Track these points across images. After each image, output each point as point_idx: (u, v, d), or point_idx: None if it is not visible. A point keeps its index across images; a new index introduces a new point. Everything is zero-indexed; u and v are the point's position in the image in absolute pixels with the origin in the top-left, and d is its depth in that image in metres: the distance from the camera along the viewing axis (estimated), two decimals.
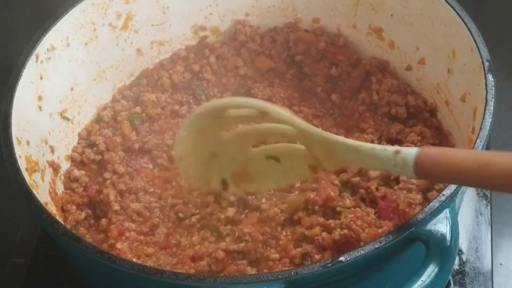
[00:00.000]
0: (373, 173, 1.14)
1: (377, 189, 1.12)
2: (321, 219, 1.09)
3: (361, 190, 1.13)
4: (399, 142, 1.21)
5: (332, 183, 1.15)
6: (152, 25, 1.36)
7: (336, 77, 1.36)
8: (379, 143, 1.21)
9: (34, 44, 1.15)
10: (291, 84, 1.36)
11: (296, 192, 1.18)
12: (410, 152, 0.88)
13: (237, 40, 1.39)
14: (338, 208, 1.11)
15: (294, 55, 1.39)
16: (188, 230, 1.14)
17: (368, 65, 1.33)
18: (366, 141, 1.20)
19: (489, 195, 1.28)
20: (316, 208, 1.12)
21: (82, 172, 1.22)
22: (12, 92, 1.09)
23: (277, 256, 1.06)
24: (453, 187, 0.93)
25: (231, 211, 1.14)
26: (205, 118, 1.06)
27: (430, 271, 0.86)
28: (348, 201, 1.12)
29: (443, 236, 0.89)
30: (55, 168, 1.18)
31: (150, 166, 1.24)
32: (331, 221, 1.08)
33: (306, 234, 1.08)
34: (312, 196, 1.13)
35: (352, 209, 1.09)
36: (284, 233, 1.11)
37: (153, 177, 1.22)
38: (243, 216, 1.14)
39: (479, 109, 1.05)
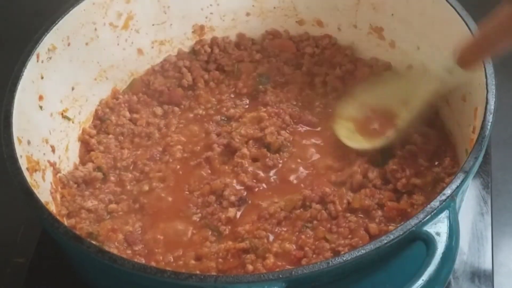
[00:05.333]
0: (371, 175, 1.15)
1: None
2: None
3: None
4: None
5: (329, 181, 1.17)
6: (152, 25, 1.36)
7: (341, 76, 1.36)
8: None
9: (35, 44, 1.15)
10: (299, 85, 1.36)
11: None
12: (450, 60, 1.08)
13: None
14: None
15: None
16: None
17: (374, 66, 1.34)
18: None
19: (490, 195, 1.28)
20: (313, 204, 1.13)
21: None
22: (13, 92, 1.09)
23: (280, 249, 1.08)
24: (453, 186, 0.93)
25: (232, 211, 1.14)
26: None
27: (431, 270, 0.86)
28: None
29: (443, 236, 0.89)
30: (56, 167, 1.18)
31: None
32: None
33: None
34: (308, 193, 1.14)
35: None
36: (284, 229, 1.11)
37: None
38: (243, 215, 1.14)
39: (479, 108, 1.06)
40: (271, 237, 1.10)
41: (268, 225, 1.12)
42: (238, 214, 1.15)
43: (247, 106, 1.33)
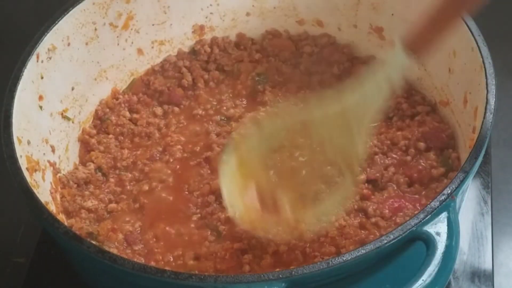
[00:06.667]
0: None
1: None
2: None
3: None
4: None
5: None
6: (152, 25, 1.36)
7: (339, 75, 1.36)
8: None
9: (34, 44, 1.15)
10: (297, 84, 1.36)
11: None
12: (397, 49, 0.97)
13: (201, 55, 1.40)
14: None
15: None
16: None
17: (370, 63, 1.34)
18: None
19: (490, 195, 1.28)
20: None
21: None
22: (13, 92, 1.09)
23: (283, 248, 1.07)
24: (453, 186, 0.93)
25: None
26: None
27: (431, 270, 0.86)
28: None
29: (444, 236, 0.89)
30: (56, 167, 1.18)
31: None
32: None
33: None
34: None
35: None
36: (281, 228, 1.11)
37: None
38: None
39: (480, 108, 1.05)
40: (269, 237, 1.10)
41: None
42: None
43: (246, 106, 1.33)
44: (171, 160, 1.24)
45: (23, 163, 1.04)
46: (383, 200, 1.12)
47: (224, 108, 1.32)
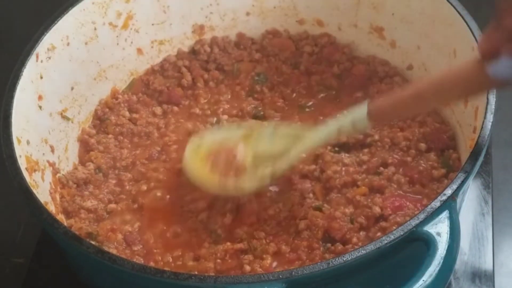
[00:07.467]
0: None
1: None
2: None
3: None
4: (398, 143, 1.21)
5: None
6: (152, 24, 1.36)
7: (339, 74, 1.36)
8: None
9: (34, 44, 1.15)
10: (295, 84, 1.36)
11: None
12: (362, 109, 1.03)
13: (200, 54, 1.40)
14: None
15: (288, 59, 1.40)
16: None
17: (370, 63, 1.34)
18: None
19: (491, 195, 1.28)
20: (311, 195, 1.14)
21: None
22: (12, 92, 1.09)
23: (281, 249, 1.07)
24: (454, 186, 0.93)
25: (229, 218, 1.13)
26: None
27: (432, 271, 0.86)
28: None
29: (444, 236, 0.89)
30: (55, 168, 1.18)
31: None
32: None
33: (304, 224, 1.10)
34: (302, 186, 1.15)
35: None
36: (282, 230, 1.11)
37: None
38: (242, 216, 1.14)
39: (480, 108, 1.05)
40: (270, 238, 1.10)
41: (267, 226, 1.11)
42: (237, 215, 1.14)
43: (245, 106, 1.32)
44: (169, 159, 1.24)
45: (22, 163, 1.04)
46: (385, 198, 1.12)
47: (222, 109, 1.32)
